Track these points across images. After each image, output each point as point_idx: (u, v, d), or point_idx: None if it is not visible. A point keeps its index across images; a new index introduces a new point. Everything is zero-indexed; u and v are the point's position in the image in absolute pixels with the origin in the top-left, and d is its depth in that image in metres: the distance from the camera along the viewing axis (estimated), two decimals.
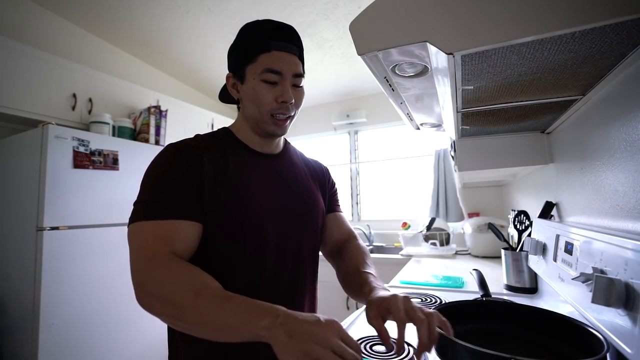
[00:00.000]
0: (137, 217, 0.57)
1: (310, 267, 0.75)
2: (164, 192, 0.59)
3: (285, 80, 0.64)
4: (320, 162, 0.89)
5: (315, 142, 3.42)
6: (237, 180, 0.65)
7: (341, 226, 0.84)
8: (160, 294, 0.50)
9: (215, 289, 0.49)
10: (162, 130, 2.15)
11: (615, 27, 0.39)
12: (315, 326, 0.41)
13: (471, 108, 0.74)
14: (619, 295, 0.48)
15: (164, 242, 0.54)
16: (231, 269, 0.63)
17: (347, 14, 1.96)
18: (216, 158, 0.65)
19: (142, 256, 0.54)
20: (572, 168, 0.87)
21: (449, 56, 0.46)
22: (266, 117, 0.66)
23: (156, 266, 0.52)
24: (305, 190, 0.75)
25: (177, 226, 0.57)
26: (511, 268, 1.18)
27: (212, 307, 0.46)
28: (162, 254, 0.53)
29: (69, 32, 2.15)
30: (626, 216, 0.60)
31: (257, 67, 0.63)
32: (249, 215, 0.63)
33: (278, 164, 0.74)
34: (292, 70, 0.64)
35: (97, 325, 1.56)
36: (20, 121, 1.77)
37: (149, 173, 0.62)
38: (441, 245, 2.18)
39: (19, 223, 1.55)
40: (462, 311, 0.73)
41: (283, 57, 0.63)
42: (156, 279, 0.51)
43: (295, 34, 0.67)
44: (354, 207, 3.12)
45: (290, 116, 0.68)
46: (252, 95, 0.65)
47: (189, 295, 0.47)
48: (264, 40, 0.63)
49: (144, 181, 0.62)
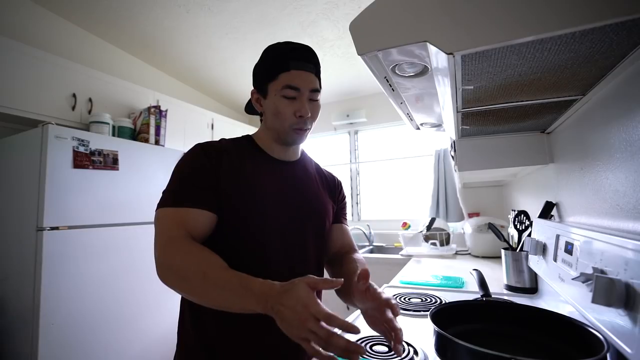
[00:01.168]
0: (162, 204, 0.66)
1: (314, 266, 0.77)
2: (186, 183, 0.67)
3: (303, 96, 0.71)
4: (334, 175, 0.94)
5: (315, 142, 3.42)
6: (252, 179, 0.72)
7: (344, 238, 0.87)
8: (175, 271, 0.58)
9: (219, 268, 0.56)
10: (162, 130, 2.15)
11: (615, 27, 0.39)
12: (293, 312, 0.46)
13: (471, 108, 0.74)
14: (619, 295, 0.48)
15: (181, 226, 0.63)
16: (238, 256, 0.67)
17: (347, 14, 1.96)
18: (235, 159, 0.73)
19: (163, 237, 0.62)
20: (572, 168, 0.87)
21: (449, 56, 0.46)
22: (288, 129, 0.73)
23: (173, 246, 0.60)
24: (314, 195, 0.80)
25: (194, 213, 0.65)
26: (511, 268, 1.18)
27: (216, 287, 0.54)
28: (179, 236, 0.61)
29: (69, 32, 2.14)
30: (626, 216, 0.60)
31: (278, 84, 0.70)
32: (254, 208, 0.70)
33: (291, 169, 0.80)
34: (309, 87, 0.71)
35: (97, 325, 1.56)
36: (20, 121, 1.77)
37: (177, 166, 0.71)
38: (441, 245, 2.18)
39: (19, 223, 1.55)
40: (462, 311, 0.73)
41: (301, 75, 0.70)
42: (172, 258, 0.59)
43: (312, 53, 0.74)
44: (354, 207, 3.12)
45: (308, 128, 0.75)
46: (274, 109, 0.72)
47: (198, 275, 0.55)
48: (283, 60, 0.70)
49: (173, 173, 0.71)
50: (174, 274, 0.58)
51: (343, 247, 0.86)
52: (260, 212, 0.70)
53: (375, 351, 0.73)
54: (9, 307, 1.56)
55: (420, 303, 1.08)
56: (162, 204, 0.67)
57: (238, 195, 0.69)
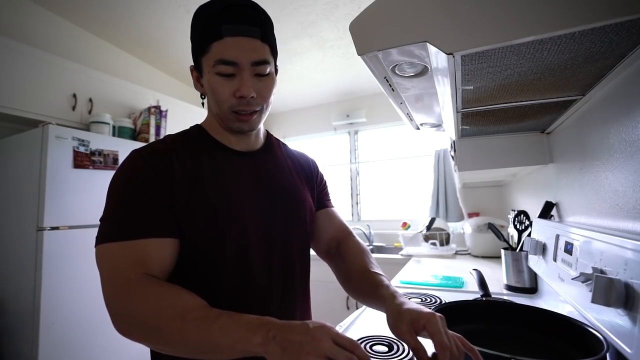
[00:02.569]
0: (104, 238, 0.52)
1: (299, 265, 0.70)
2: (131, 207, 0.53)
3: (243, 71, 0.56)
4: (307, 155, 0.82)
5: (315, 142, 3.42)
6: (213, 181, 0.59)
7: (334, 222, 0.79)
8: (141, 322, 0.46)
9: (200, 308, 0.46)
10: (162, 130, 2.16)
11: (615, 27, 0.39)
12: (305, 335, 0.40)
13: (471, 108, 0.74)
14: (619, 295, 0.48)
15: (136, 265, 0.50)
16: (216, 275, 0.58)
17: (347, 14, 1.96)
18: (188, 160, 0.59)
19: (114, 283, 0.49)
20: (572, 168, 0.87)
21: (449, 56, 0.46)
22: (227, 113, 0.59)
23: (132, 292, 0.48)
24: (289, 187, 0.70)
25: (150, 246, 0.52)
26: (511, 268, 1.18)
27: (200, 330, 0.43)
28: (136, 277, 0.49)
29: (69, 32, 2.15)
30: (626, 216, 0.60)
31: (210, 58, 0.55)
32: (228, 217, 0.59)
33: (257, 160, 0.68)
34: (250, 58, 0.55)
35: (97, 325, 1.56)
36: (20, 121, 1.77)
37: (113, 185, 0.55)
38: (441, 245, 2.18)
39: (19, 223, 1.55)
40: (462, 311, 0.73)
41: (238, 43, 0.54)
42: (134, 306, 0.47)
43: (254, 11, 0.56)
44: (354, 207, 3.12)
45: (256, 111, 0.60)
46: (210, 91, 0.59)
47: (174, 320, 0.44)
48: (214, 25, 0.54)
49: (108, 195, 0.55)
50: (139, 326, 0.46)
51: (336, 233, 0.78)
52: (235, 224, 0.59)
53: (375, 351, 0.73)
54: (9, 307, 1.56)
55: (420, 303, 1.08)
56: (104, 238, 0.51)
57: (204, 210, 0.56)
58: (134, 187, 0.54)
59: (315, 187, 0.79)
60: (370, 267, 0.67)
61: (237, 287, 0.60)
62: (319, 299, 2.11)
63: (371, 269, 0.66)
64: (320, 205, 0.79)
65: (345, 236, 0.79)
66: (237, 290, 0.60)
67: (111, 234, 0.51)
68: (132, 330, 0.47)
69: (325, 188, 0.83)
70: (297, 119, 3.42)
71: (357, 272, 0.68)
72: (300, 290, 0.71)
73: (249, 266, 0.60)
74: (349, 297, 2.21)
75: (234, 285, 0.59)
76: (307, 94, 3.10)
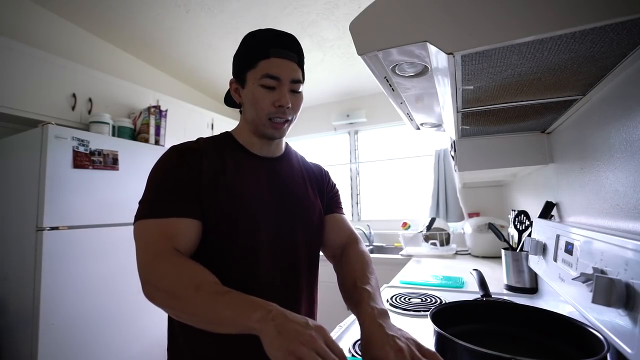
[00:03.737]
0: (142, 215, 0.61)
1: (305, 266, 0.74)
2: (166, 191, 0.62)
3: (283, 86, 0.67)
4: (321, 166, 0.90)
5: (315, 142, 3.42)
6: (234, 179, 0.67)
7: (341, 228, 0.83)
8: (164, 287, 0.53)
9: (214, 283, 0.52)
10: (162, 130, 2.15)
11: (615, 27, 0.39)
12: (303, 327, 0.43)
13: (471, 108, 0.74)
14: (619, 296, 0.48)
15: (167, 239, 0.58)
16: (226, 264, 0.64)
17: (347, 14, 1.96)
18: (215, 160, 0.68)
19: (147, 252, 0.57)
20: (572, 168, 0.87)
21: (449, 56, 0.46)
22: (264, 120, 0.68)
23: (160, 262, 0.55)
24: (301, 193, 0.77)
25: (179, 224, 0.60)
26: (511, 268, 1.18)
27: (210, 301, 0.49)
28: (165, 250, 0.57)
29: (69, 32, 2.14)
30: (626, 216, 0.60)
31: (257, 72, 0.66)
32: (242, 212, 0.66)
33: (275, 166, 0.76)
34: (289, 76, 0.67)
35: (97, 325, 1.56)
36: (20, 121, 1.77)
37: (153, 173, 0.66)
38: (441, 245, 2.18)
39: (19, 223, 1.55)
40: (462, 311, 0.73)
41: (281, 63, 0.66)
42: (160, 274, 0.54)
43: (294, 41, 0.69)
44: (354, 207, 3.12)
45: (288, 120, 0.71)
46: (252, 99, 0.68)
47: (190, 289, 0.51)
48: (264, 47, 0.66)
49: (148, 181, 0.65)
50: (163, 291, 0.54)
51: (343, 238, 0.82)
52: (248, 217, 0.66)
53: None
54: (9, 307, 1.56)
55: (420, 303, 1.08)
56: (142, 215, 0.61)
57: (223, 200, 0.65)
58: (169, 176, 0.64)
59: (326, 194, 0.84)
60: (360, 281, 0.66)
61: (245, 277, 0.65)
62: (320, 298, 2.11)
63: (359, 284, 0.65)
64: (330, 210, 0.83)
65: (349, 243, 0.80)
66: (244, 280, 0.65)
67: (148, 213, 0.61)
68: (155, 295, 0.55)
69: (336, 196, 0.88)
70: (297, 119, 3.41)
71: (348, 286, 0.68)
72: (305, 291, 0.73)
73: (256, 258, 0.66)
74: None
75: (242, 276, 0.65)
76: (307, 94, 3.10)
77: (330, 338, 0.44)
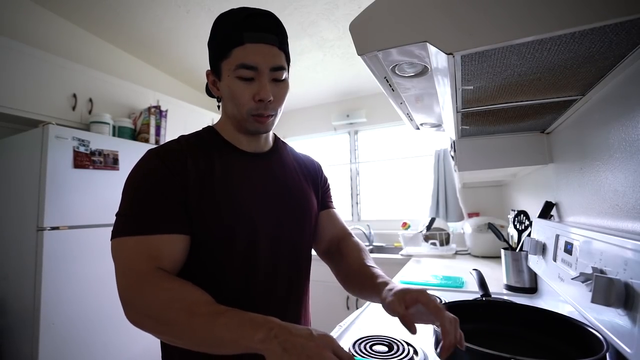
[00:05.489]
0: (120, 232, 0.54)
1: (305, 265, 0.73)
2: (146, 205, 0.55)
3: (262, 76, 0.59)
4: (312, 158, 0.84)
5: (315, 142, 3.42)
6: (224, 181, 0.61)
7: (335, 223, 0.81)
8: (152, 313, 0.48)
9: (207, 303, 0.48)
10: (162, 130, 2.16)
11: (615, 27, 0.39)
12: (308, 340, 0.41)
13: (471, 108, 0.74)
14: (619, 295, 0.49)
15: (150, 259, 0.52)
16: (223, 273, 0.60)
17: (347, 14, 1.96)
18: (201, 161, 0.61)
19: (129, 275, 0.51)
20: (572, 168, 0.87)
21: (449, 56, 0.46)
22: (246, 116, 0.62)
23: (145, 285, 0.50)
24: (297, 189, 0.72)
25: (163, 241, 0.54)
26: (511, 268, 1.18)
27: (206, 324, 0.45)
28: (149, 271, 0.51)
29: (69, 32, 2.15)
30: (626, 216, 0.60)
31: (231, 62, 0.58)
32: (237, 216, 0.60)
33: (267, 162, 0.70)
34: (269, 64, 0.58)
35: (97, 325, 1.56)
36: (20, 121, 1.77)
37: (129, 182, 0.58)
38: (441, 245, 2.18)
39: (19, 223, 1.55)
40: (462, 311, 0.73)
41: (258, 49, 0.57)
42: (147, 298, 0.49)
43: (273, 21, 0.60)
44: (354, 207, 3.12)
45: (272, 114, 0.64)
46: (229, 94, 0.61)
47: (182, 313, 0.46)
48: (236, 32, 0.57)
49: (124, 192, 0.58)
50: (151, 317, 0.48)
51: (336, 234, 0.80)
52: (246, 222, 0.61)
53: (375, 351, 0.73)
54: (9, 307, 1.56)
55: None
56: (120, 232, 0.54)
57: (215, 206, 0.58)
58: (149, 185, 0.56)
59: (320, 189, 0.81)
60: (367, 262, 0.70)
61: (242, 285, 0.61)
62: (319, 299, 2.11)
63: (367, 264, 0.69)
64: (323, 206, 0.81)
65: (345, 236, 0.81)
66: (242, 288, 0.61)
67: (126, 229, 0.54)
68: (143, 321, 0.49)
69: (329, 190, 0.85)
70: (297, 119, 3.42)
71: (356, 268, 0.70)
72: (303, 290, 0.72)
73: (255, 265, 0.62)
74: (349, 297, 2.21)
75: (239, 284, 0.61)
76: (307, 94, 3.10)
77: (337, 344, 0.43)
